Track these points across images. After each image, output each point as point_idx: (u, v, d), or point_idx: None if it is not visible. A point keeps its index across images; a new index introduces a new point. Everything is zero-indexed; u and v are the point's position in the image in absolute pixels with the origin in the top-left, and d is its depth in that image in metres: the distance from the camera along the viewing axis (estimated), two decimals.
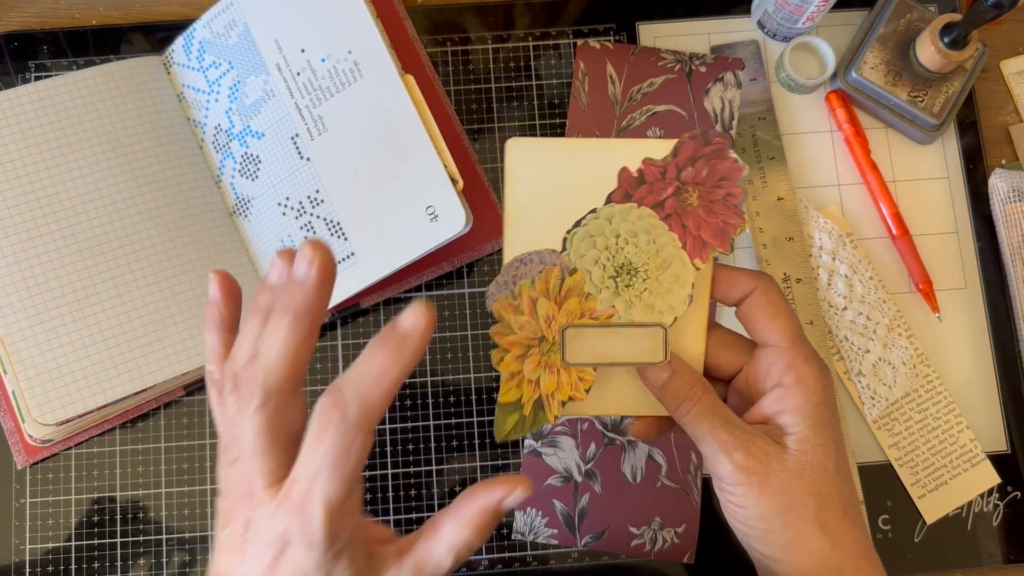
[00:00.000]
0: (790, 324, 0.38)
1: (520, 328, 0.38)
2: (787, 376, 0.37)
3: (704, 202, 0.38)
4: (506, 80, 0.59)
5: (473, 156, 0.57)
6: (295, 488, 0.30)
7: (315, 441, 0.30)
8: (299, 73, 0.53)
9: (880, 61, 0.57)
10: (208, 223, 0.54)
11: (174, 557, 0.53)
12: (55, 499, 0.53)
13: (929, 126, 0.57)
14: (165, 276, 0.52)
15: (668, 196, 0.39)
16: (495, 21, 0.59)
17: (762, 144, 0.58)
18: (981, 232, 0.58)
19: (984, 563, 0.54)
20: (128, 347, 0.51)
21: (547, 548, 0.54)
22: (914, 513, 0.54)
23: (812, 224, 0.57)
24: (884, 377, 0.55)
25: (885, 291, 0.56)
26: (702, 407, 0.37)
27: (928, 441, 0.55)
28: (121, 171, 0.53)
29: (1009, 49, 0.60)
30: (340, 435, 0.29)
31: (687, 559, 0.53)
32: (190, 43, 0.56)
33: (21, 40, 0.58)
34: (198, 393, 0.55)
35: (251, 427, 0.31)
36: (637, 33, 0.60)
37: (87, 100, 0.54)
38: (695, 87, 0.58)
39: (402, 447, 0.54)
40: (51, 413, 0.49)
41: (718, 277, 0.39)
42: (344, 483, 0.29)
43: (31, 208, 0.51)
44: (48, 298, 0.50)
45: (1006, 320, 0.56)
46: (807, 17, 0.56)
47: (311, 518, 0.29)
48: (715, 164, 0.39)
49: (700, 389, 0.37)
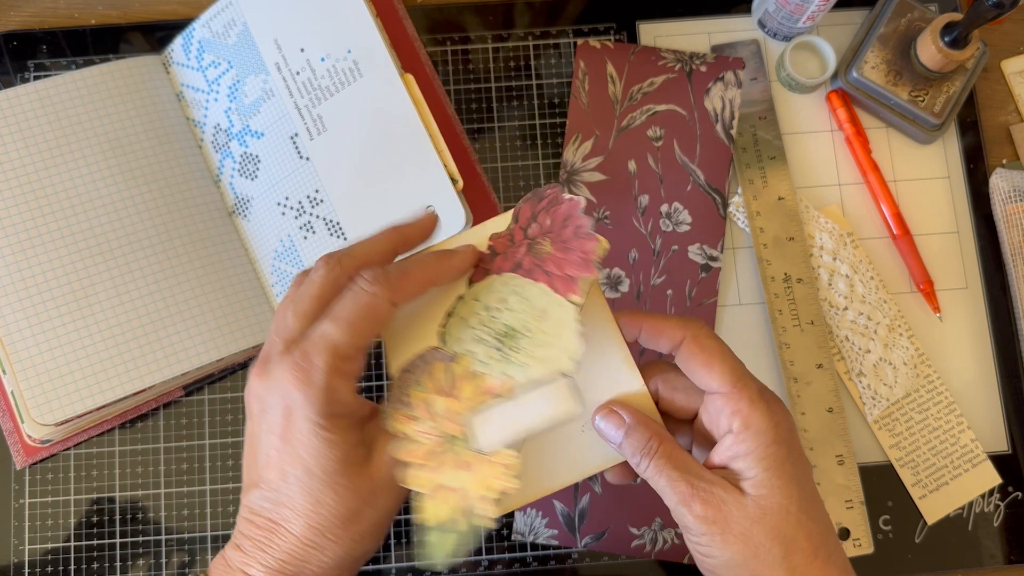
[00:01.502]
0: (727, 368, 0.37)
1: (425, 435, 0.37)
2: (734, 422, 0.37)
3: (558, 245, 0.38)
4: (506, 80, 0.59)
5: (473, 156, 0.57)
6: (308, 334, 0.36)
7: (339, 300, 0.36)
8: (298, 72, 0.53)
9: (881, 60, 0.57)
10: (207, 223, 0.54)
11: (173, 558, 0.53)
12: (54, 499, 0.53)
13: (930, 126, 0.57)
14: (164, 276, 0.52)
15: (522, 255, 0.38)
16: (495, 20, 0.59)
17: (763, 144, 0.57)
18: (982, 232, 0.58)
19: (985, 564, 0.54)
20: (127, 347, 0.51)
21: (547, 549, 0.53)
22: (915, 513, 0.54)
23: (813, 224, 0.57)
24: (885, 377, 0.55)
25: (886, 291, 0.56)
26: (658, 460, 0.37)
27: (929, 441, 0.55)
28: (120, 171, 0.53)
29: (1010, 48, 0.60)
30: (361, 295, 0.36)
31: (687, 560, 0.53)
32: (189, 42, 0.56)
33: (20, 40, 0.58)
34: (197, 393, 0.55)
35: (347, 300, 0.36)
36: (637, 32, 0.59)
37: (86, 100, 0.54)
38: (695, 86, 0.58)
39: None
40: (50, 413, 0.49)
41: (646, 327, 0.39)
42: (351, 335, 0.35)
43: (30, 208, 0.51)
44: (47, 298, 0.50)
45: (1007, 320, 0.56)
46: (808, 16, 0.56)
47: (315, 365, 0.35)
48: (554, 211, 0.38)
49: (656, 441, 0.37)
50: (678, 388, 0.39)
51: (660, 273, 0.56)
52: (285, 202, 0.54)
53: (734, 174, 0.57)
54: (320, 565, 0.36)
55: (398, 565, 0.53)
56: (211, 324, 0.52)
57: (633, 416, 0.38)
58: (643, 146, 0.57)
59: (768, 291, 0.55)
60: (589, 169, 0.57)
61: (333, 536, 0.36)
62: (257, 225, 0.54)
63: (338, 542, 0.36)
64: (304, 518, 0.35)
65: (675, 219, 0.56)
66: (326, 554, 0.36)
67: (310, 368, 0.35)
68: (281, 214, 0.54)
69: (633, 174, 0.57)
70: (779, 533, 0.35)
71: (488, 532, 0.53)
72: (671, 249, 0.56)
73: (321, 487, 0.35)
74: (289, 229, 0.54)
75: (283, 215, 0.54)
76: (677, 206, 0.56)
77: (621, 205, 0.56)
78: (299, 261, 0.53)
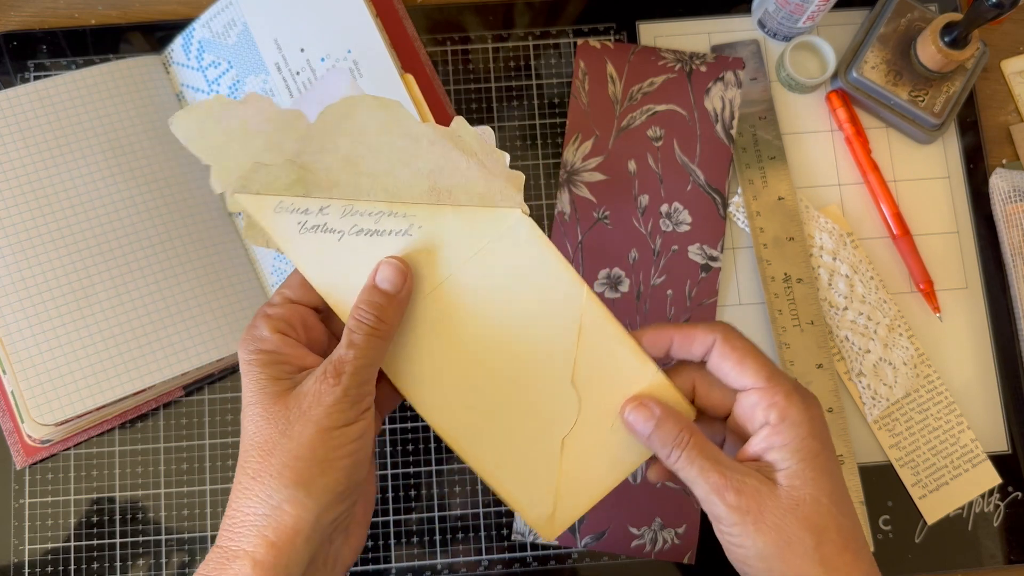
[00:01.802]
0: (761, 365, 0.38)
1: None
2: (771, 414, 0.37)
3: None
4: (506, 80, 0.59)
5: None
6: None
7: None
8: (298, 72, 0.53)
9: (881, 60, 0.57)
10: (207, 223, 0.54)
11: (173, 558, 0.53)
12: (54, 499, 0.53)
13: (930, 126, 0.57)
14: (164, 276, 0.52)
15: None
16: (495, 20, 0.59)
17: (763, 144, 0.57)
18: (982, 232, 0.58)
19: (985, 564, 0.54)
20: (127, 347, 0.51)
21: (547, 549, 0.53)
22: (915, 513, 0.54)
23: (813, 224, 0.57)
24: (885, 377, 0.55)
25: (886, 291, 0.56)
26: (690, 451, 0.37)
27: (929, 441, 0.55)
28: (120, 171, 0.53)
29: (1010, 48, 0.60)
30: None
31: (687, 560, 0.53)
32: (189, 42, 0.56)
33: (20, 40, 0.58)
34: (197, 393, 0.55)
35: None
36: (637, 32, 0.59)
37: (86, 100, 0.54)
38: (695, 86, 0.58)
39: (402, 447, 0.54)
40: (50, 413, 0.49)
41: (677, 338, 0.40)
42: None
43: (30, 208, 0.51)
44: (47, 298, 0.50)
45: (1007, 320, 0.56)
46: (808, 16, 0.56)
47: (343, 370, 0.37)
48: None
49: (687, 434, 0.37)
50: (713, 384, 0.40)
51: (660, 273, 0.56)
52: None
53: (734, 174, 0.57)
54: (256, 510, 0.35)
55: (398, 565, 0.53)
56: (211, 324, 0.52)
57: (662, 408, 0.38)
58: (643, 146, 0.57)
59: (768, 291, 0.55)
60: (589, 169, 0.57)
61: (253, 470, 0.36)
62: None
63: (259, 478, 0.35)
64: (241, 452, 0.37)
65: (675, 219, 0.56)
66: (258, 495, 0.35)
67: (252, 319, 0.39)
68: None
69: (633, 174, 0.57)
70: (812, 524, 0.36)
71: (488, 532, 0.53)
72: (671, 249, 0.56)
73: (243, 419, 0.37)
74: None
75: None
76: (677, 206, 0.56)
77: (621, 205, 0.56)
78: None
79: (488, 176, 0.39)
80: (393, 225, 0.39)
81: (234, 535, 0.35)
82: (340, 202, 0.39)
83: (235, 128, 0.39)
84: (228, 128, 0.39)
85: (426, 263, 0.39)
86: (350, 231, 0.39)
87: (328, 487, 0.36)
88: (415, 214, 0.39)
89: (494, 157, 0.39)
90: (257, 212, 0.39)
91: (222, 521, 0.36)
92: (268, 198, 0.39)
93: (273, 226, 0.39)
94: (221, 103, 0.40)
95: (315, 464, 0.35)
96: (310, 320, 0.40)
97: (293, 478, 0.35)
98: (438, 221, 0.39)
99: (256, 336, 0.38)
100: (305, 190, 0.39)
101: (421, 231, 0.39)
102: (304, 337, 0.39)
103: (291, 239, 0.39)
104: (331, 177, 0.39)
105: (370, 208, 0.39)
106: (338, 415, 0.36)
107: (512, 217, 0.39)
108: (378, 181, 0.39)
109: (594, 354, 0.39)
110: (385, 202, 0.39)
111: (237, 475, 0.36)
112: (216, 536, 0.38)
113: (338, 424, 0.36)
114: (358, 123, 0.39)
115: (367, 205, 0.39)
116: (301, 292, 0.40)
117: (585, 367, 0.40)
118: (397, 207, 0.39)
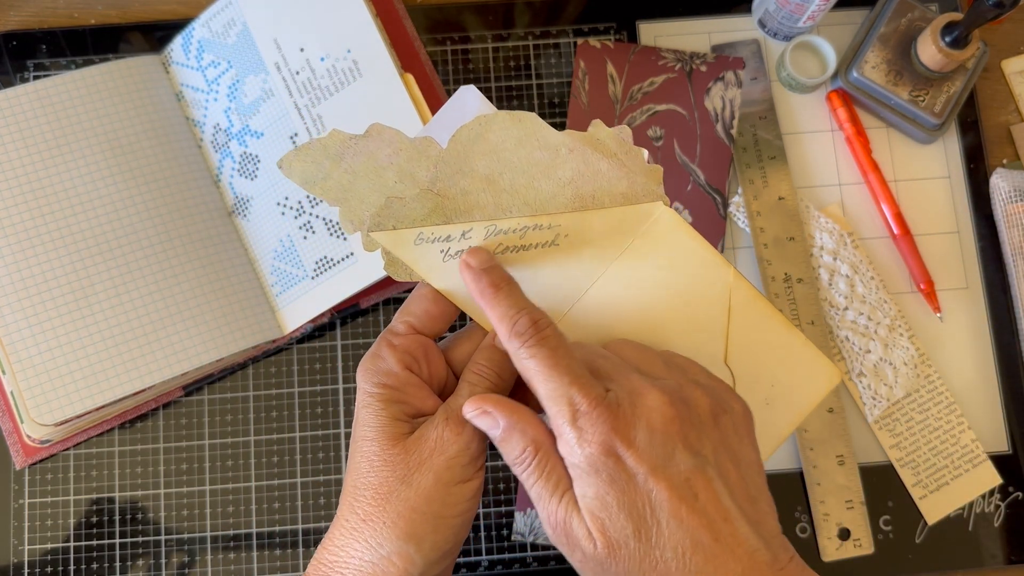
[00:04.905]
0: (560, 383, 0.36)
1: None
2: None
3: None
4: (506, 79, 0.59)
5: None
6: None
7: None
8: (298, 72, 0.53)
9: (881, 60, 0.57)
10: (207, 223, 0.54)
11: (173, 558, 0.53)
12: (54, 500, 0.53)
13: (930, 125, 0.57)
14: (164, 276, 0.52)
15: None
16: (495, 20, 0.59)
17: (763, 143, 0.57)
18: (982, 232, 0.57)
19: (985, 564, 0.54)
20: (127, 347, 0.51)
21: (547, 549, 0.53)
22: (915, 514, 0.54)
23: (813, 224, 0.57)
24: (885, 377, 0.55)
25: (886, 291, 0.56)
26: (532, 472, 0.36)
27: (929, 441, 0.55)
28: (120, 171, 0.53)
29: (1010, 48, 0.60)
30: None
31: None
32: (189, 42, 0.56)
33: (20, 39, 0.58)
34: (197, 393, 0.54)
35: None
36: (637, 32, 0.59)
37: (86, 100, 0.54)
38: (696, 86, 0.58)
39: None
40: (50, 413, 0.49)
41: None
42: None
43: (30, 208, 0.51)
44: (46, 298, 0.50)
45: (1008, 320, 0.56)
46: (808, 16, 0.56)
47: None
48: None
49: (532, 450, 0.35)
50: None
51: None
52: (285, 202, 0.54)
53: (734, 174, 0.57)
54: (362, 556, 0.34)
55: None
56: (211, 324, 0.52)
57: (507, 419, 0.35)
58: (643, 146, 0.57)
59: (768, 291, 0.55)
60: None
61: (364, 512, 0.34)
62: (257, 225, 0.54)
63: (370, 522, 0.34)
64: (345, 488, 0.35)
65: None
66: (368, 541, 0.34)
67: (374, 347, 0.38)
68: (281, 214, 0.54)
69: None
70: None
71: (488, 532, 0.53)
72: None
73: (354, 452, 0.36)
74: (289, 229, 0.53)
75: (283, 215, 0.54)
76: (677, 206, 0.56)
77: None
78: (298, 261, 0.53)
79: (629, 174, 0.39)
80: (539, 238, 0.38)
81: (334, 575, 0.35)
82: (482, 223, 0.38)
83: (361, 164, 0.38)
84: (353, 166, 0.38)
85: (575, 270, 0.39)
86: (497, 251, 0.38)
87: (437, 545, 0.35)
88: (559, 223, 0.38)
89: (632, 154, 0.39)
90: (397, 248, 0.38)
91: (317, 551, 0.35)
92: (406, 232, 0.38)
93: (415, 259, 0.38)
94: (339, 139, 0.38)
95: (430, 519, 0.34)
96: (432, 352, 0.38)
97: (407, 530, 0.34)
98: (583, 227, 0.38)
99: (381, 369, 0.36)
100: (444, 217, 0.38)
101: (567, 240, 0.38)
102: (427, 371, 0.37)
103: (435, 269, 0.38)
104: (469, 200, 0.38)
105: (513, 225, 0.38)
106: (458, 469, 0.35)
107: (655, 211, 0.39)
108: (519, 196, 0.38)
109: (745, 332, 0.39)
110: (529, 216, 0.38)
111: (343, 511, 0.35)
112: (307, 565, 0.37)
113: (456, 480, 0.35)
114: (493, 141, 0.38)
115: (510, 222, 0.38)
116: (425, 321, 0.38)
117: (737, 346, 0.39)
118: (541, 219, 0.38)
